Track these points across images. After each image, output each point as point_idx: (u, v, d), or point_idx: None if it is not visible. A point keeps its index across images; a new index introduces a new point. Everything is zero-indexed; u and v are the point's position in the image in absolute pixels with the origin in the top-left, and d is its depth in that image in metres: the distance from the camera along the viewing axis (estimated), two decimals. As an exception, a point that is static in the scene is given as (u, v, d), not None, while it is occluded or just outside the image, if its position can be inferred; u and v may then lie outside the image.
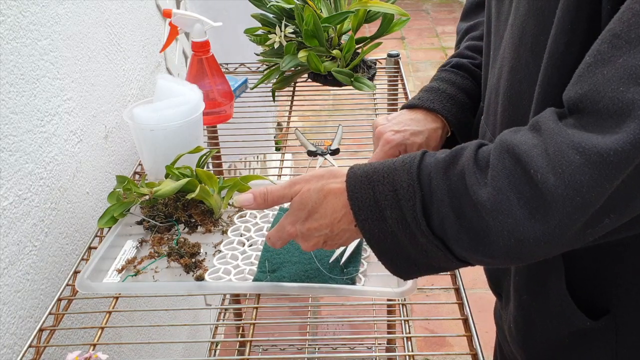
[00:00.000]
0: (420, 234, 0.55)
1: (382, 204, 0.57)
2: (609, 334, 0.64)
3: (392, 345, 1.74)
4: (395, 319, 1.66)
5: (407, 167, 0.57)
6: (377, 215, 0.57)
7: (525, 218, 0.49)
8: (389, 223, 0.56)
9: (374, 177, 0.58)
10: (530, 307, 0.69)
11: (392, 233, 0.57)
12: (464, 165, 0.54)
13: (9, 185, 0.76)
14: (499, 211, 0.51)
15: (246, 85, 1.34)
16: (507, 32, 0.65)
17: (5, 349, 0.74)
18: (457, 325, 0.72)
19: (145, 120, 0.92)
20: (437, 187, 0.55)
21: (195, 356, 1.53)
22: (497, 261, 0.55)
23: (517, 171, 0.50)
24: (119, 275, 0.79)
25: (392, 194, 0.56)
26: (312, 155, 1.06)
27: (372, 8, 1.15)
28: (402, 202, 0.55)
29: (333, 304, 1.79)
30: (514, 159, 0.50)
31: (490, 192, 0.51)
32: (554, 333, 0.68)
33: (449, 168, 0.55)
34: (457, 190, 0.54)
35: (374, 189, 0.58)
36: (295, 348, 1.75)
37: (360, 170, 0.60)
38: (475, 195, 0.52)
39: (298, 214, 0.65)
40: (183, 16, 1.08)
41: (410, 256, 0.58)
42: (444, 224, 0.54)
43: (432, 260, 0.57)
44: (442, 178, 0.55)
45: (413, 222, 0.55)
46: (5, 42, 0.75)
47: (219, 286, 0.78)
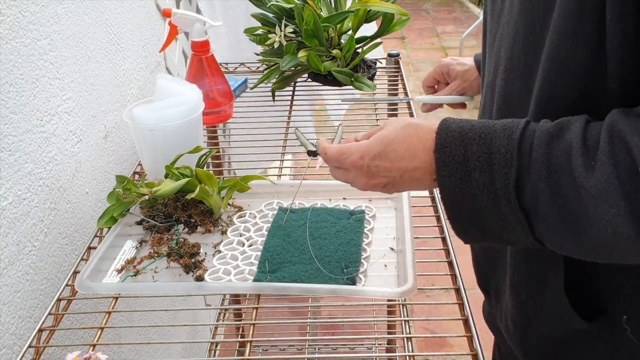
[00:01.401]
0: (506, 203, 0.52)
1: (472, 165, 0.54)
2: (605, 334, 0.64)
3: (392, 346, 1.74)
4: (395, 319, 1.65)
5: (508, 132, 0.54)
6: (462, 175, 0.54)
7: (628, 212, 0.47)
8: (473, 185, 0.54)
9: (469, 134, 0.55)
10: (528, 306, 0.69)
11: (473, 196, 0.54)
12: (571, 141, 0.51)
13: (9, 185, 0.76)
14: (603, 199, 0.48)
15: (246, 85, 1.34)
16: (502, 32, 0.65)
17: (5, 349, 0.74)
18: (457, 325, 0.72)
19: (145, 120, 0.92)
20: (537, 160, 0.52)
21: (195, 356, 1.53)
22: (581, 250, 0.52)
23: (627, 162, 0.48)
24: (118, 275, 0.79)
25: (486, 156, 0.53)
26: (312, 155, 1.06)
27: (372, 8, 1.15)
28: (495, 167, 0.53)
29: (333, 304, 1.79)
30: (625, 148, 0.48)
31: (597, 177, 0.48)
32: (551, 332, 0.68)
33: (553, 141, 0.52)
34: (559, 167, 0.51)
35: (466, 147, 0.55)
36: (295, 348, 1.75)
37: (455, 125, 0.57)
38: (580, 177, 0.49)
39: (372, 147, 0.61)
40: (183, 16, 1.08)
41: (483, 222, 0.55)
42: (537, 198, 0.51)
43: (506, 231, 0.54)
44: (544, 151, 0.52)
45: (502, 189, 0.52)
46: (4, 42, 0.74)
47: (219, 286, 0.78)
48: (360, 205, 0.91)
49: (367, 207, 0.90)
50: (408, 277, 0.73)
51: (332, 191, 0.94)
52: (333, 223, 0.85)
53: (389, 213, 0.90)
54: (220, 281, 0.77)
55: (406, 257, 0.77)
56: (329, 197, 0.93)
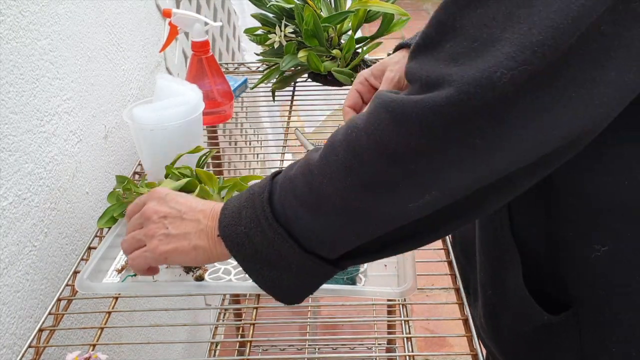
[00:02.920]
0: (267, 225, 0.55)
1: (242, 207, 0.58)
2: (572, 330, 0.64)
3: (392, 346, 1.74)
4: (395, 319, 1.66)
5: (269, 176, 0.60)
6: (236, 219, 0.58)
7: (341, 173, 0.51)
8: (244, 224, 0.57)
9: (245, 191, 0.61)
10: (495, 302, 0.70)
11: (247, 235, 0.57)
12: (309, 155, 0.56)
13: (9, 185, 0.76)
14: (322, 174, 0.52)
15: (246, 85, 1.34)
16: None
17: (5, 349, 0.74)
18: (457, 325, 0.72)
19: (144, 120, 0.92)
20: (283, 176, 0.57)
21: (195, 356, 1.53)
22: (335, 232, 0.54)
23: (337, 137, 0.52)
24: (118, 275, 0.79)
25: (251, 195, 0.58)
26: (312, 155, 1.06)
27: (372, 8, 1.15)
28: (255, 198, 0.57)
29: (333, 304, 1.79)
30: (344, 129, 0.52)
31: (317, 159, 0.53)
32: (518, 328, 0.68)
33: (292, 165, 0.58)
34: (295, 174, 0.55)
35: (240, 198, 0.60)
36: (295, 348, 1.75)
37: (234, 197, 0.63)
38: (307, 168, 0.54)
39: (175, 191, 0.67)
40: (183, 16, 1.08)
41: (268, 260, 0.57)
42: (283, 207, 0.55)
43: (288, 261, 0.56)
44: (286, 170, 0.58)
45: (262, 214, 0.56)
46: (4, 42, 0.74)
47: (219, 286, 0.78)
48: None
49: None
50: (408, 277, 0.73)
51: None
52: (333, 223, 0.85)
53: (388, 213, 0.90)
54: (220, 281, 0.77)
55: (406, 257, 0.77)
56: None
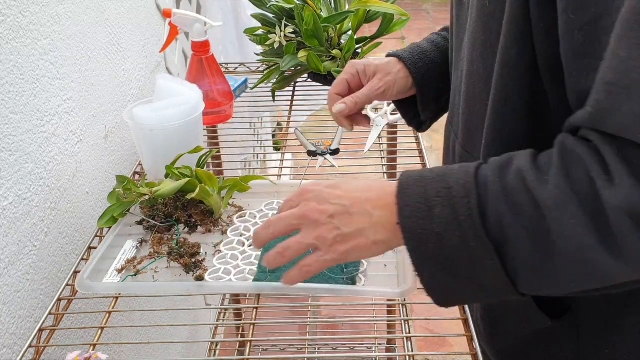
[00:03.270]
0: (473, 235, 0.50)
1: (432, 201, 0.52)
2: (571, 331, 0.64)
3: (392, 345, 1.74)
4: (395, 319, 1.66)
5: (464, 168, 0.53)
6: (425, 213, 0.52)
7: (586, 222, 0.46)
8: (437, 223, 0.51)
9: (428, 175, 0.54)
10: (494, 305, 0.70)
11: (437, 235, 0.51)
12: (520, 164, 0.51)
13: (9, 185, 0.76)
14: (561, 211, 0.47)
15: (246, 85, 1.34)
16: (466, 36, 0.67)
17: (5, 349, 0.74)
18: (457, 325, 0.72)
19: (145, 120, 0.92)
20: (493, 185, 0.51)
21: (195, 356, 1.53)
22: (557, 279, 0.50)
23: (579, 172, 0.47)
24: (118, 275, 0.79)
25: (446, 191, 0.52)
26: (312, 155, 1.06)
27: (372, 8, 1.16)
28: (456, 200, 0.51)
29: (333, 304, 1.79)
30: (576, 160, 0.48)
31: (551, 190, 0.47)
32: (517, 331, 0.68)
33: (503, 168, 0.52)
34: (514, 188, 0.50)
35: (425, 186, 0.53)
36: (295, 348, 1.75)
37: (414, 171, 0.57)
38: (535, 191, 0.48)
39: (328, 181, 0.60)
40: (183, 16, 1.08)
41: (452, 266, 0.52)
42: (501, 223, 0.50)
43: (477, 273, 0.52)
44: (497, 177, 0.51)
45: (467, 221, 0.50)
46: (5, 42, 0.75)
47: (219, 286, 0.78)
48: None
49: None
50: (408, 277, 0.73)
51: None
52: (333, 223, 0.85)
53: (388, 213, 0.90)
54: (220, 281, 0.78)
55: (406, 257, 0.77)
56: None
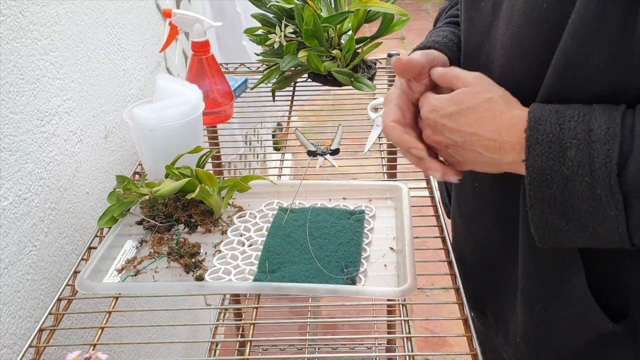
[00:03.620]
0: (604, 185, 0.48)
1: (567, 143, 0.50)
2: (627, 338, 0.62)
3: (392, 346, 1.74)
4: (395, 319, 1.66)
5: (608, 110, 0.50)
6: (556, 154, 0.50)
7: None
8: (568, 165, 0.50)
9: (567, 112, 0.51)
10: (544, 316, 0.67)
11: (565, 178, 0.50)
12: None
13: (9, 185, 0.76)
14: None
15: (246, 85, 1.34)
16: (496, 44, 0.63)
17: (5, 349, 0.74)
18: (457, 325, 0.72)
19: (145, 120, 0.92)
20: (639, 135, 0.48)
21: (195, 356, 1.53)
22: None
23: None
24: (118, 275, 0.79)
25: (585, 133, 0.49)
26: (312, 155, 1.06)
27: (372, 8, 1.16)
28: (595, 145, 0.48)
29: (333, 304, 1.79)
30: None
31: None
32: (570, 340, 0.66)
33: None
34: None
35: (562, 124, 0.51)
36: (295, 348, 1.75)
37: (550, 105, 0.53)
38: None
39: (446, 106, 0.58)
40: (183, 16, 1.08)
41: (570, 210, 0.50)
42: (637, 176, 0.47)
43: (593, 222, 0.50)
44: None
45: (601, 169, 0.48)
46: (5, 42, 0.75)
47: (219, 286, 0.78)
48: (360, 205, 0.91)
49: (367, 207, 0.90)
50: (408, 277, 0.73)
51: (332, 191, 0.94)
52: (333, 223, 0.85)
53: (388, 213, 0.90)
54: (220, 281, 0.78)
55: (406, 257, 0.77)
56: (329, 197, 0.93)
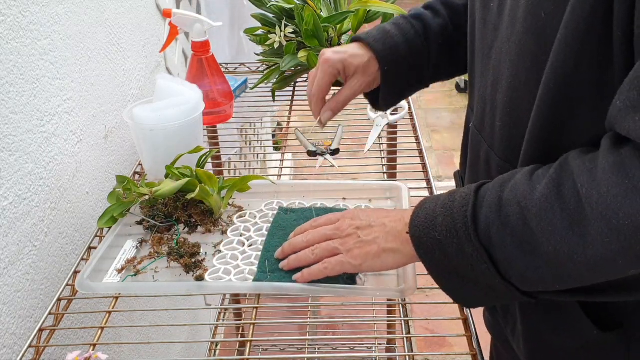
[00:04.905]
0: (467, 240, 0.55)
1: (437, 213, 0.58)
2: (620, 348, 0.63)
3: (392, 345, 1.74)
4: (395, 319, 1.66)
5: (472, 185, 0.59)
6: (430, 223, 0.58)
7: (565, 228, 0.50)
8: (439, 231, 0.57)
9: (443, 195, 0.61)
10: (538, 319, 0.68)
11: (439, 242, 0.57)
12: (518, 178, 0.55)
13: (9, 185, 0.76)
14: (542, 217, 0.51)
15: (246, 85, 1.34)
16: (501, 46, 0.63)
17: (5, 349, 0.74)
18: (457, 325, 0.72)
19: (145, 120, 0.92)
20: (490, 197, 0.56)
21: (195, 356, 1.53)
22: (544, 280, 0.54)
23: (569, 183, 0.50)
24: (118, 275, 0.79)
25: (450, 203, 0.58)
26: (312, 155, 1.07)
27: (372, 8, 1.16)
28: (455, 209, 0.57)
29: (333, 304, 1.79)
30: (568, 173, 0.51)
31: (538, 197, 0.52)
32: (563, 346, 0.67)
33: (505, 182, 0.56)
34: (507, 199, 0.54)
35: (436, 202, 0.60)
36: (295, 348, 1.75)
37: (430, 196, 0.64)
38: (523, 199, 0.53)
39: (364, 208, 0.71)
40: (183, 16, 1.08)
41: (457, 270, 0.57)
42: (489, 230, 0.54)
43: (479, 275, 0.56)
44: (496, 190, 0.56)
45: (462, 228, 0.55)
46: (5, 42, 0.75)
47: (219, 286, 0.78)
48: (360, 205, 0.91)
49: (367, 207, 0.90)
50: (408, 276, 0.73)
51: (332, 191, 0.94)
52: (333, 223, 0.85)
53: (388, 213, 0.90)
54: (220, 281, 0.77)
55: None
56: (329, 197, 0.93)
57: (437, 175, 2.96)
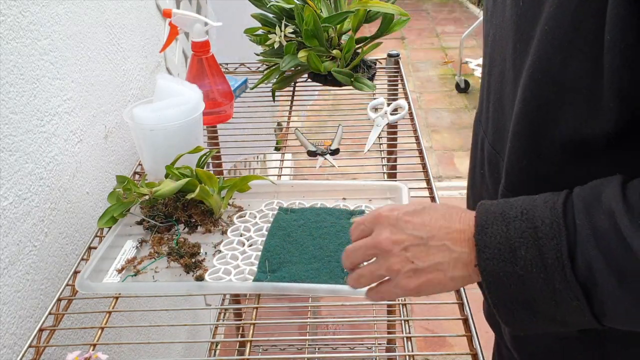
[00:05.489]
0: (561, 279, 0.48)
1: (515, 243, 0.50)
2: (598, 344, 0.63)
3: (392, 345, 1.74)
4: (395, 319, 1.66)
5: (550, 204, 0.51)
6: (507, 255, 0.50)
7: None
8: (520, 265, 0.50)
9: (510, 213, 0.52)
10: None
11: (520, 277, 0.50)
12: (610, 203, 0.48)
13: (9, 185, 0.76)
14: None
15: (246, 85, 1.34)
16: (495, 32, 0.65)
17: (5, 349, 0.74)
18: (457, 325, 0.72)
19: (145, 120, 0.92)
20: (582, 227, 0.48)
21: (195, 356, 1.53)
22: None
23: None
24: (118, 275, 0.79)
25: (531, 231, 0.50)
26: (312, 155, 1.07)
27: (372, 8, 1.16)
28: (543, 241, 0.49)
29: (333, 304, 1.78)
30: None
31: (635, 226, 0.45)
32: (544, 338, 0.68)
33: (592, 206, 0.49)
34: (605, 231, 0.47)
35: (508, 225, 0.51)
36: (295, 348, 1.75)
37: (494, 206, 0.54)
38: (629, 238, 0.46)
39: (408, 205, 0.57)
40: (183, 16, 1.08)
41: (533, 306, 0.51)
42: (591, 268, 0.47)
43: (560, 312, 0.50)
44: (585, 217, 0.48)
45: (555, 264, 0.48)
46: (5, 42, 0.75)
47: (219, 286, 0.78)
48: (360, 205, 0.91)
49: (367, 208, 0.90)
50: (408, 277, 0.73)
51: (332, 191, 0.94)
52: (333, 223, 0.85)
53: (388, 213, 0.90)
54: (220, 281, 0.78)
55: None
56: (329, 197, 0.93)
57: (437, 175, 2.96)
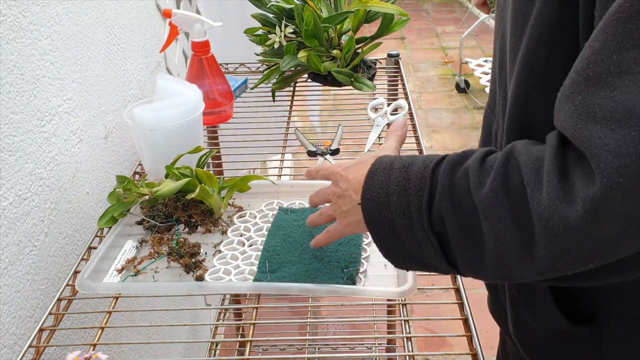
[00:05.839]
0: (420, 226, 0.55)
1: (390, 190, 0.58)
2: (594, 341, 0.64)
3: (392, 345, 1.74)
4: (395, 319, 1.66)
5: (427, 162, 0.58)
6: (382, 199, 0.58)
7: (513, 227, 0.50)
8: (391, 210, 0.57)
9: (396, 164, 0.59)
10: (519, 302, 0.70)
11: (390, 220, 0.57)
12: (469, 164, 0.55)
13: (9, 185, 0.76)
14: (490, 213, 0.51)
15: (246, 85, 1.34)
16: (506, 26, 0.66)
17: (5, 349, 0.74)
18: (457, 325, 0.72)
19: (145, 120, 0.92)
20: (442, 183, 0.55)
21: (195, 356, 1.53)
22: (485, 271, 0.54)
23: (516, 178, 0.50)
24: (119, 275, 0.79)
25: (405, 182, 0.57)
26: (312, 155, 1.07)
27: (372, 8, 1.16)
28: (411, 192, 0.56)
29: (333, 304, 1.78)
30: (516, 167, 0.51)
31: (486, 192, 0.51)
32: (541, 330, 0.69)
33: (455, 166, 0.56)
34: (459, 187, 0.54)
35: (390, 174, 0.59)
36: (295, 348, 1.75)
37: (388, 158, 0.62)
38: (474, 193, 0.53)
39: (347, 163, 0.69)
40: (183, 16, 1.08)
41: (403, 247, 0.58)
42: (443, 219, 0.54)
43: (425, 256, 0.57)
44: (447, 175, 0.55)
45: (416, 212, 0.55)
46: (5, 42, 0.75)
47: (219, 286, 0.78)
48: None
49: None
50: (408, 276, 0.73)
51: (332, 191, 0.94)
52: (333, 223, 0.85)
53: (388, 213, 0.90)
54: (220, 281, 0.78)
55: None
56: (329, 197, 0.93)
57: (437, 175, 2.95)
